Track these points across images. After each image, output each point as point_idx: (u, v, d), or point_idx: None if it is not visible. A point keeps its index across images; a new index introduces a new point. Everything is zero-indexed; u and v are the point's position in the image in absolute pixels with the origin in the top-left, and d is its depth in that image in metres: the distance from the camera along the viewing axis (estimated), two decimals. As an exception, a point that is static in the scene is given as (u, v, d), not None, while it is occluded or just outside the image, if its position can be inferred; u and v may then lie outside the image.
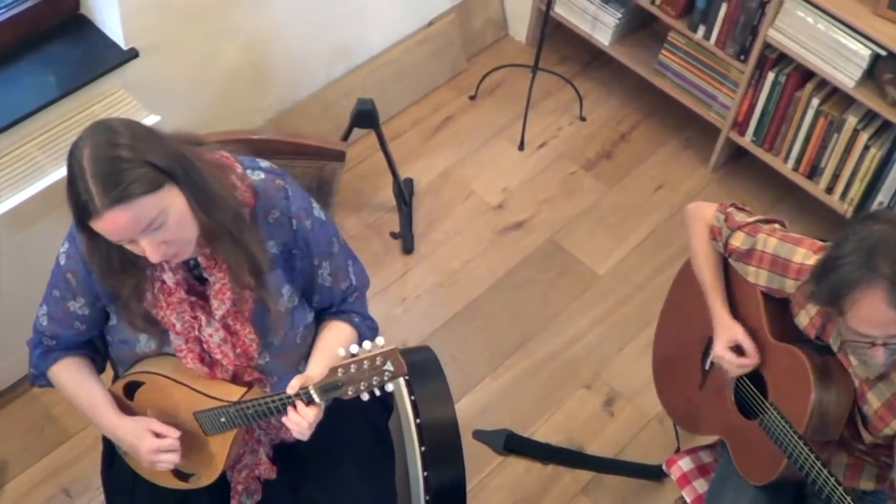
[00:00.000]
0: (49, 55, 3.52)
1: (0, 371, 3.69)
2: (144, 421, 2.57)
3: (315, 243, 2.55)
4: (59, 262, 2.51)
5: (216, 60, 3.89)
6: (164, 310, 2.46)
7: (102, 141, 2.19)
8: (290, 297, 2.56)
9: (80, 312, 2.54)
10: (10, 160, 3.36)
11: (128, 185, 2.17)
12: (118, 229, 2.22)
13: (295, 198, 2.51)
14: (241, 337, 2.51)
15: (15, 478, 3.64)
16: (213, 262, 2.43)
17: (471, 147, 4.63)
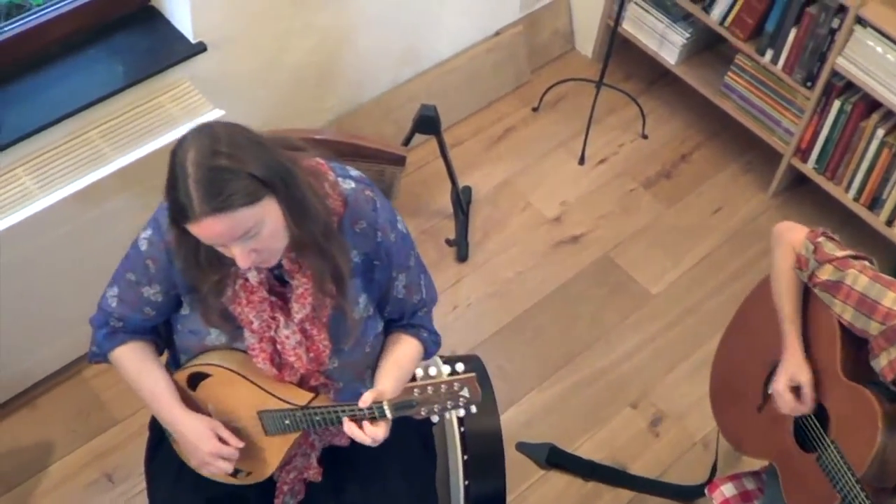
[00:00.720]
0: (118, 45, 3.55)
1: (53, 353, 3.73)
2: (210, 423, 2.57)
3: (396, 256, 2.56)
4: (140, 248, 2.51)
5: (284, 58, 3.91)
6: (243, 307, 2.46)
7: (206, 147, 2.19)
8: (366, 307, 2.57)
9: (153, 299, 2.54)
10: (73, 146, 3.39)
11: (228, 196, 2.17)
12: (213, 235, 2.24)
13: (382, 210, 2.52)
14: (315, 342, 2.51)
15: (60, 459, 3.67)
16: (296, 267, 2.43)
17: (531, 159, 4.62)
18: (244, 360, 2.55)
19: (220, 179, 2.17)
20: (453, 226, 4.31)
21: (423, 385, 2.41)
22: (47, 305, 3.53)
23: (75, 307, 3.15)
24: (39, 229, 3.29)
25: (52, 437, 3.71)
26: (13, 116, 3.32)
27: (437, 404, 2.42)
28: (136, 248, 2.51)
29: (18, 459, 3.64)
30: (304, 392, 2.56)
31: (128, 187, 3.40)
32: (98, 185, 3.33)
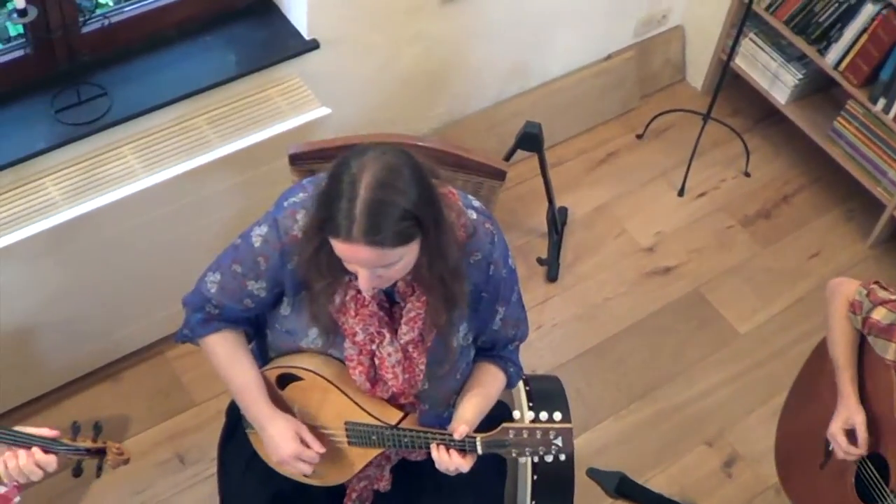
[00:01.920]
0: (233, 35, 3.60)
1: (138, 331, 3.78)
2: (295, 424, 2.58)
3: (502, 290, 2.57)
4: (252, 243, 2.51)
5: (394, 63, 3.93)
6: (350, 318, 2.47)
7: (383, 176, 2.19)
8: (466, 336, 2.58)
9: (256, 293, 2.55)
10: (180, 130, 3.44)
11: (388, 234, 2.19)
12: (352, 258, 2.26)
13: (498, 244, 2.53)
14: (414, 364, 2.52)
15: (134, 436, 3.73)
16: (410, 290, 2.45)
17: (630, 185, 4.60)
18: (338, 369, 2.56)
19: (386, 214, 2.18)
20: (546, 245, 4.30)
21: (519, 428, 2.45)
22: (140, 283, 3.58)
23: (166, 287, 3.20)
24: (139, 208, 3.34)
25: (131, 413, 3.77)
26: (125, 95, 3.38)
27: (528, 447, 2.45)
28: (248, 241, 2.52)
29: (96, 431, 3.70)
30: (394, 410, 2.57)
31: (229, 176, 3.45)
32: (200, 171, 3.37)
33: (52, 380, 3.72)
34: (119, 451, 2.35)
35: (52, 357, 3.63)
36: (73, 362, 3.72)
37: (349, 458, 2.65)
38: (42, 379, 3.69)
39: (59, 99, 3.35)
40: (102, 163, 3.34)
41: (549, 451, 2.45)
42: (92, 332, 3.65)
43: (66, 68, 3.36)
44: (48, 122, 3.31)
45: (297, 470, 2.59)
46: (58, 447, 2.30)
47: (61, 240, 3.27)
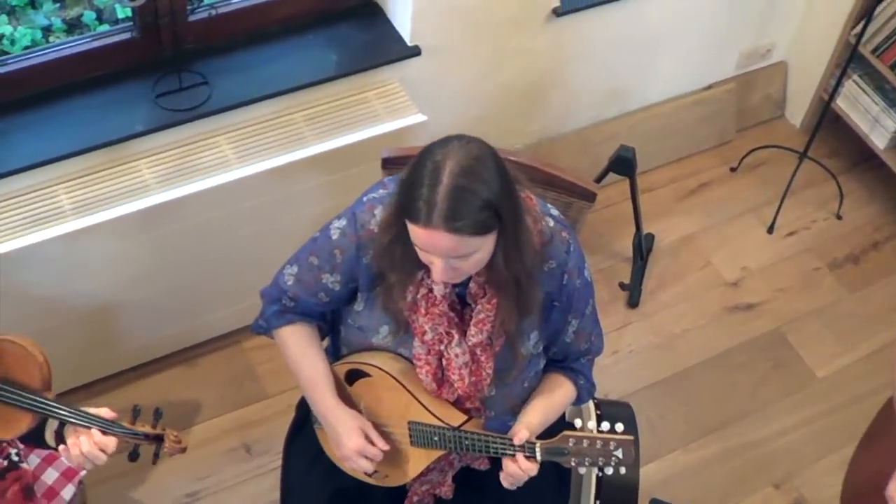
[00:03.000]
0: (337, 35, 3.62)
1: (217, 319, 3.82)
2: (361, 420, 2.59)
3: (576, 302, 2.56)
4: (330, 236, 2.54)
5: (495, 76, 3.94)
6: (420, 316, 2.48)
7: (467, 164, 2.20)
8: (536, 344, 2.58)
9: (331, 287, 2.57)
10: (276, 124, 3.47)
11: (467, 223, 2.19)
12: (429, 245, 2.26)
13: (574, 254, 2.52)
14: (481, 367, 2.52)
15: (204, 422, 3.77)
16: (482, 292, 2.45)
17: (719, 218, 4.56)
18: (406, 368, 2.56)
19: (467, 202, 2.19)
20: (629, 270, 4.28)
21: (579, 436, 2.43)
22: (223, 272, 3.62)
23: (248, 278, 3.23)
24: (229, 198, 3.38)
25: (203, 399, 3.81)
26: (225, 86, 3.42)
27: (588, 457, 2.43)
28: (327, 234, 2.55)
29: (166, 412, 3.71)
30: (458, 412, 2.57)
31: (320, 174, 3.47)
32: (293, 167, 3.40)
33: (128, 359, 3.77)
34: (177, 440, 2.38)
35: (131, 336, 3.68)
36: (150, 344, 3.77)
37: (411, 460, 2.65)
38: (119, 357, 3.74)
39: (160, 84, 3.40)
40: (197, 150, 3.38)
41: (609, 463, 2.43)
42: (172, 315, 3.69)
43: (170, 55, 3.41)
44: (148, 106, 3.36)
45: (360, 466, 2.59)
46: (116, 430, 2.33)
47: (151, 222, 3.31)
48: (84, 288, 3.41)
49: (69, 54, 3.39)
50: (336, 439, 2.60)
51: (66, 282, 3.35)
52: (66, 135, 3.28)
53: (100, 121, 3.32)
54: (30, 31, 3.76)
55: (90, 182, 3.29)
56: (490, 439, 2.51)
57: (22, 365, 2.30)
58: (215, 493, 3.62)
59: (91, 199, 3.26)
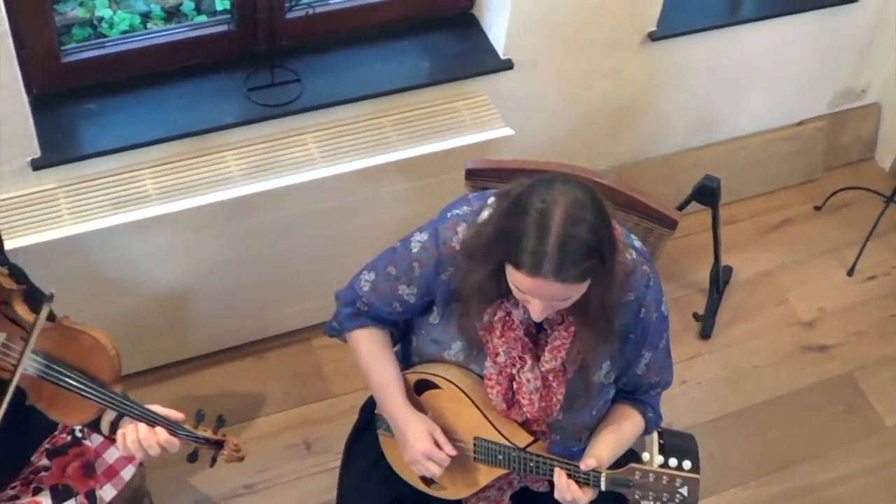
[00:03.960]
0: (431, 43, 3.63)
1: (289, 315, 3.85)
2: (429, 424, 2.59)
3: (650, 335, 2.55)
4: (410, 248, 2.54)
5: (584, 95, 3.92)
6: (496, 338, 2.48)
7: (576, 213, 2.19)
8: (608, 374, 2.57)
9: (406, 298, 2.58)
10: (363, 126, 3.49)
11: (576, 272, 2.20)
12: (533, 291, 2.25)
13: (653, 288, 2.51)
14: (552, 393, 2.51)
15: (267, 415, 3.79)
16: (560, 319, 2.44)
17: (800, 256, 4.51)
18: (477, 385, 2.56)
19: (576, 252, 2.18)
20: (704, 301, 4.24)
21: (646, 470, 2.43)
22: (298, 269, 3.64)
23: (322, 278, 3.26)
24: (311, 197, 3.40)
25: (268, 393, 3.83)
26: (317, 85, 3.44)
27: (652, 492, 2.42)
28: (407, 246, 2.55)
29: (231, 403, 3.77)
30: (525, 433, 2.56)
31: (403, 180, 3.48)
32: (377, 170, 3.41)
33: (198, 347, 3.81)
34: (236, 448, 2.39)
35: (203, 325, 3.72)
36: (221, 334, 3.80)
37: (473, 474, 2.65)
38: (189, 344, 3.78)
39: (252, 78, 3.43)
40: (284, 146, 3.41)
41: (673, 499, 2.43)
42: (245, 307, 3.72)
43: (265, 50, 3.44)
44: (239, 99, 3.39)
45: (426, 470, 2.58)
46: (179, 431, 2.34)
47: (232, 214, 3.34)
48: (161, 273, 3.45)
49: (166, 42, 3.44)
50: (404, 441, 2.60)
51: (144, 265, 3.40)
52: (157, 121, 3.33)
53: (190, 110, 3.36)
54: (128, 16, 3.81)
55: (176, 169, 3.33)
56: (556, 463, 2.50)
57: (94, 357, 2.33)
58: (272, 487, 3.64)
59: (175, 186, 3.30)
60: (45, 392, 2.37)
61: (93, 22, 3.81)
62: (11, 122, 3.08)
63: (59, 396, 2.36)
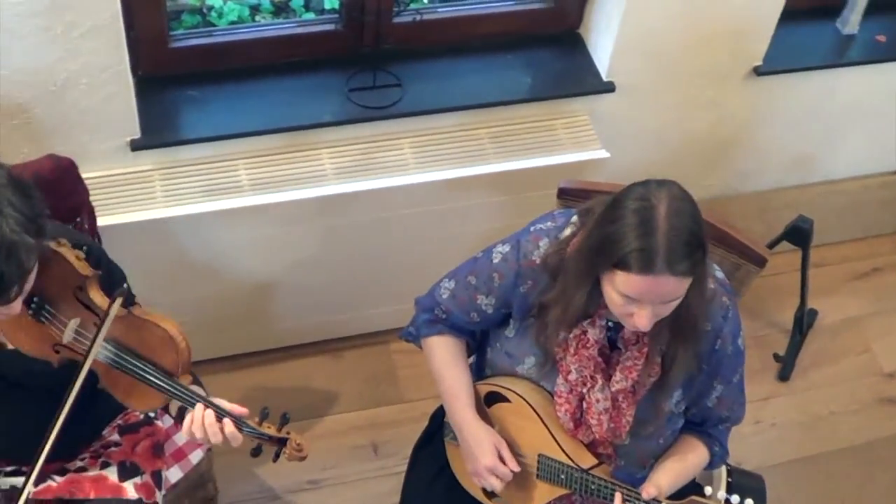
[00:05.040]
0: (534, 59, 3.63)
1: (369, 316, 3.87)
2: (495, 437, 2.59)
3: (724, 368, 2.53)
4: (492, 259, 2.55)
5: (683, 124, 3.90)
6: (569, 355, 2.47)
7: (684, 209, 2.20)
8: (678, 403, 2.55)
9: (484, 308, 2.59)
10: (460, 136, 3.50)
11: (687, 263, 2.18)
12: (644, 293, 2.22)
13: (731, 320, 2.49)
14: (622, 414, 2.50)
15: (338, 414, 3.81)
16: (634, 339, 2.43)
17: (888, 306, 4.44)
18: (546, 402, 2.56)
19: (686, 242, 2.17)
20: (786, 342, 4.20)
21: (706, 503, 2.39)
22: (382, 272, 3.66)
23: (405, 283, 3.27)
24: (402, 201, 3.41)
25: (341, 391, 3.85)
26: (418, 91, 3.45)
27: None
28: (488, 257, 2.56)
29: (304, 398, 3.81)
30: (590, 455, 2.55)
31: (494, 192, 3.48)
32: (470, 181, 3.42)
33: (277, 339, 3.84)
34: (298, 448, 2.40)
35: (283, 318, 3.75)
36: (300, 329, 3.83)
37: (534, 491, 2.64)
38: (268, 336, 3.81)
39: (354, 79, 3.45)
40: (379, 149, 3.43)
41: None
42: (326, 305, 3.75)
43: (369, 52, 3.46)
44: (339, 99, 3.41)
45: (488, 483, 2.58)
46: (244, 426, 2.36)
47: (322, 211, 3.37)
48: (246, 263, 3.49)
49: (272, 36, 3.47)
50: (469, 453, 2.61)
51: (230, 254, 3.43)
52: (257, 113, 3.36)
53: (291, 105, 3.39)
54: (238, 8, 3.85)
55: (271, 162, 3.36)
56: (618, 487, 2.49)
57: (163, 349, 2.35)
58: (336, 485, 3.66)
59: (269, 179, 3.33)
60: (115, 378, 2.41)
61: (202, 10, 3.86)
62: (115, 102, 3.13)
63: (127, 383, 2.40)
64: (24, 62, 2.96)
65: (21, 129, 3.10)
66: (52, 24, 2.90)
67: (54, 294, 2.38)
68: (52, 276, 2.33)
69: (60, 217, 2.84)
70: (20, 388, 2.51)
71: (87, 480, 2.72)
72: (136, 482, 2.73)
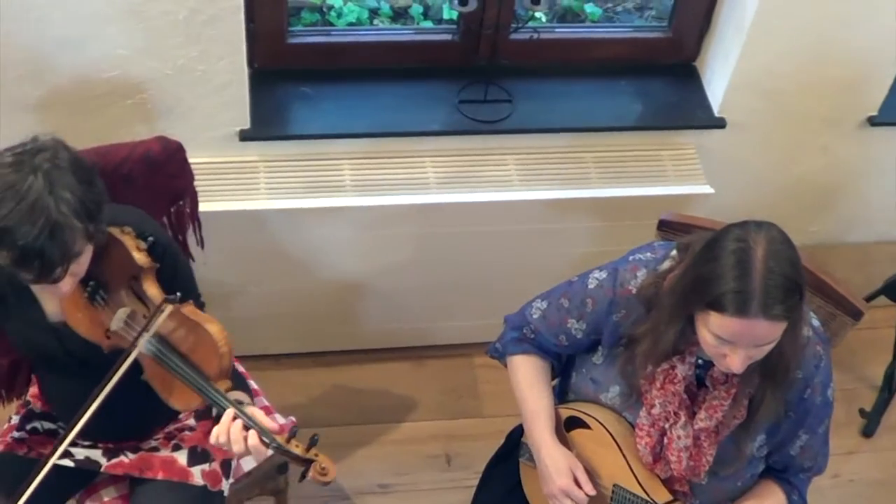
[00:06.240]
0: (647, 87, 3.62)
1: (456, 327, 3.88)
2: (573, 461, 2.58)
3: (811, 418, 2.50)
4: (587, 284, 2.55)
5: (791, 168, 3.85)
6: (655, 389, 2.45)
7: (782, 253, 2.18)
8: (761, 448, 2.53)
9: (573, 332, 2.59)
10: (565, 158, 3.50)
11: (782, 308, 2.16)
12: (738, 335, 2.20)
13: (823, 370, 2.46)
14: (703, 453, 2.48)
15: (415, 421, 3.82)
16: (723, 378, 2.41)
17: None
18: (626, 432, 2.54)
19: (783, 288, 2.15)
20: (874, 398, 4.13)
21: None
22: (471, 285, 3.66)
23: (493, 299, 3.29)
24: (501, 217, 3.41)
25: (421, 399, 3.87)
26: (527, 109, 3.46)
27: None
28: (584, 281, 2.56)
29: (383, 401, 3.82)
30: (665, 491, 2.53)
31: (594, 217, 3.47)
32: (571, 203, 3.41)
33: (362, 341, 3.87)
34: (323, 472, 2.39)
35: (370, 320, 3.77)
36: (386, 333, 3.85)
37: None
38: (354, 336, 3.84)
39: (466, 91, 3.46)
40: (484, 163, 3.43)
41: None
42: (413, 312, 3.76)
43: (483, 66, 3.47)
44: (449, 109, 3.43)
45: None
46: (270, 442, 2.36)
47: (420, 219, 3.38)
48: (339, 263, 3.51)
49: (389, 41, 3.51)
50: (544, 473, 2.60)
51: (324, 251, 3.46)
52: (366, 115, 3.39)
53: (400, 110, 3.41)
54: (357, 10, 3.89)
55: (375, 165, 3.38)
56: None
57: (204, 351, 2.36)
58: (407, 492, 3.67)
59: (372, 181, 3.35)
60: (157, 372, 2.43)
61: (322, 9, 3.90)
62: (229, 91, 3.18)
63: (168, 379, 2.42)
64: (144, 44, 3.02)
65: (136, 109, 3.16)
66: (176, 9, 2.95)
67: (110, 280, 2.43)
68: (110, 262, 2.38)
69: (163, 199, 2.90)
70: (88, 366, 2.56)
71: (158, 461, 2.75)
72: (205, 469, 2.76)
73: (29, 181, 2.20)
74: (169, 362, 2.38)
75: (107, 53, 3.03)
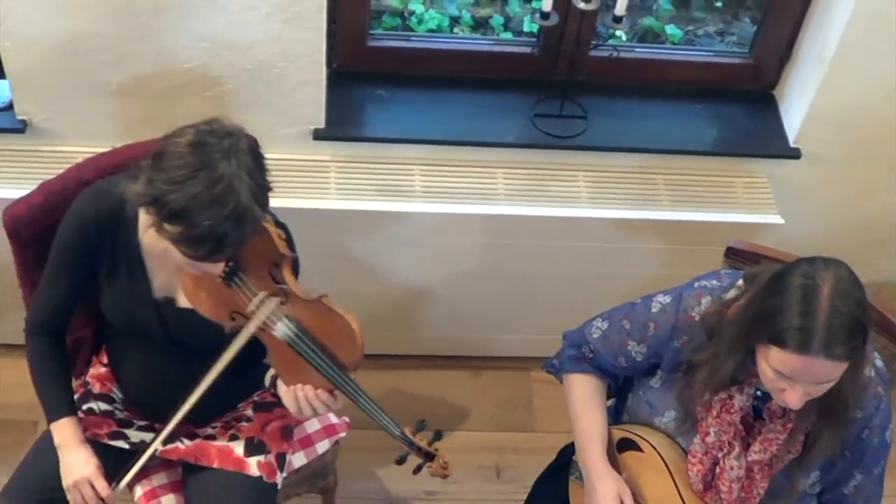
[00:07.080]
0: (724, 113, 3.60)
1: (513, 341, 3.88)
2: (622, 486, 2.56)
3: (867, 458, 2.47)
4: (650, 307, 2.54)
5: (865, 204, 3.79)
6: (711, 417, 2.43)
7: (849, 292, 2.15)
8: (814, 485, 2.50)
9: (633, 354, 2.58)
10: (636, 178, 3.49)
11: (845, 349, 2.14)
12: (798, 372, 2.19)
13: (883, 412, 2.43)
14: (754, 486, 2.46)
15: (468, 431, 3.82)
16: (781, 412, 2.39)
17: None
18: (679, 458, 2.53)
19: (847, 328, 2.13)
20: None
21: None
22: (533, 299, 3.67)
23: (554, 314, 3.30)
24: (567, 234, 3.41)
25: (475, 409, 3.86)
26: (602, 126, 3.45)
27: None
28: (647, 304, 2.55)
29: (438, 409, 3.82)
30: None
31: (660, 240, 3.45)
32: (638, 224, 3.40)
33: (421, 346, 3.88)
34: (444, 466, 2.41)
35: (431, 327, 3.78)
36: (445, 340, 3.86)
37: None
38: (414, 342, 3.86)
39: (541, 104, 3.46)
40: (554, 178, 3.43)
41: None
42: (473, 321, 3.77)
43: (560, 81, 3.46)
44: (523, 122, 3.43)
45: None
46: (397, 433, 2.37)
47: (487, 230, 3.39)
48: (403, 267, 3.53)
49: (468, 49, 3.52)
50: (592, 494, 2.59)
51: (390, 255, 3.48)
52: (441, 122, 3.41)
53: (475, 120, 3.42)
54: (438, 17, 3.90)
55: (446, 173, 3.39)
56: None
57: (342, 341, 2.41)
58: (453, 501, 3.66)
59: (442, 188, 3.36)
60: (286, 356, 2.47)
61: (403, 14, 3.92)
62: (307, 90, 3.20)
63: (296, 364, 2.46)
64: (226, 37, 3.05)
65: (213, 102, 3.19)
66: (260, 4, 2.98)
67: (251, 264, 2.44)
68: (254, 247, 2.39)
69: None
70: (178, 346, 2.58)
71: (214, 449, 2.78)
72: (260, 460, 2.78)
73: (223, 165, 2.22)
74: (305, 347, 2.43)
75: (188, 45, 3.07)
